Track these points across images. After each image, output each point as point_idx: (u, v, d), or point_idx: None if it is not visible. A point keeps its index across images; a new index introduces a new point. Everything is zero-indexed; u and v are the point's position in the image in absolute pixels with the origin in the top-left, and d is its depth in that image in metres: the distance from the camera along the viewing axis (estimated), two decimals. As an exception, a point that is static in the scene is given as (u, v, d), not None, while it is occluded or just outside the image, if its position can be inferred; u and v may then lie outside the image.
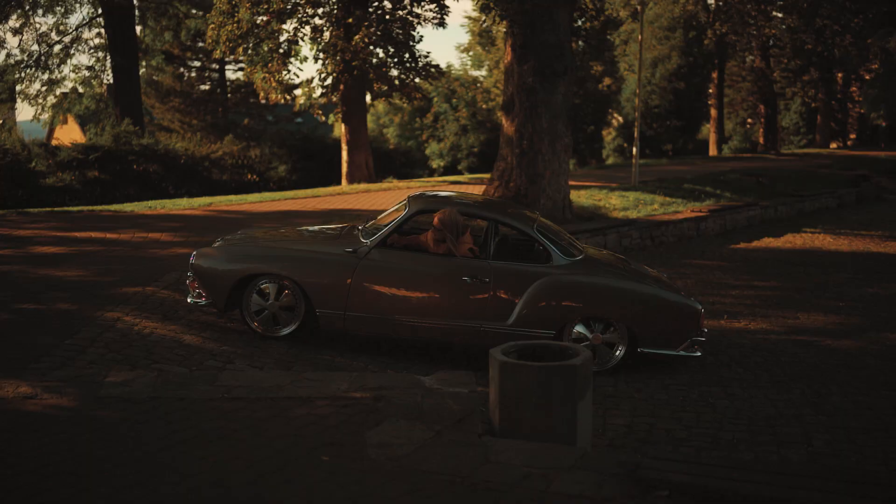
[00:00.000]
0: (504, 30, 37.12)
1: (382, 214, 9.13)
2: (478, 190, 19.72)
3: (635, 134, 22.68)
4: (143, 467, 5.04)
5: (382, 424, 5.72)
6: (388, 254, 8.37)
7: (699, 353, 8.64)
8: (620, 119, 44.38)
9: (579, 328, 8.35)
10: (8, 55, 33.70)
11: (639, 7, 23.88)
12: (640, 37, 23.27)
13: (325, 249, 8.49)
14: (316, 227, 9.72)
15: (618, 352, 8.45)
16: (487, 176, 24.57)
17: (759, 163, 31.41)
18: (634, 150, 22.23)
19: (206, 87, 49.10)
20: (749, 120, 50.95)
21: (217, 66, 48.77)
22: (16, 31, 33.08)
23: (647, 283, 8.72)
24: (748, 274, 14.15)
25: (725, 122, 46.11)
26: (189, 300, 8.70)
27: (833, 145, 46.71)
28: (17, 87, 34.26)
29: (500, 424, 5.84)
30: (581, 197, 18.39)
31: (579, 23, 26.10)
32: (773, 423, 7.39)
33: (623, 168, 28.62)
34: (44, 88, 34.26)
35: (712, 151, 41.13)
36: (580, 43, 20.28)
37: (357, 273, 8.23)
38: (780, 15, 33.59)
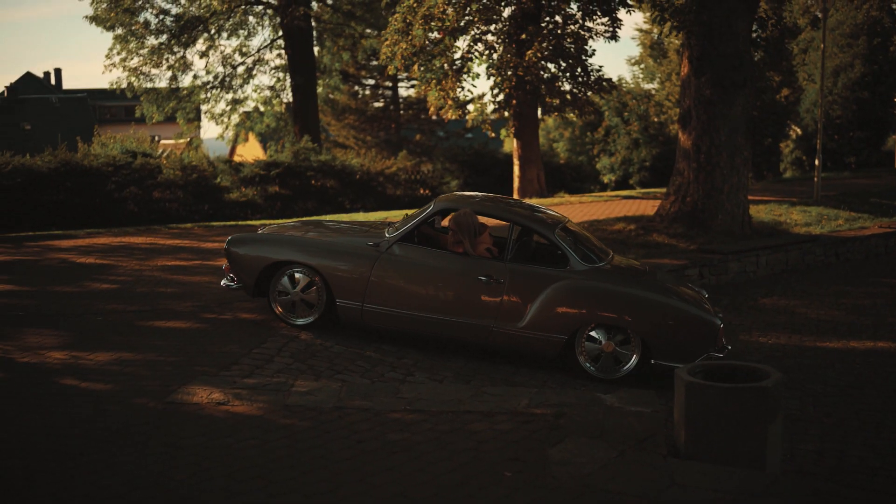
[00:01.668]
0: (678, 42, 36.37)
1: (412, 213, 9.18)
2: (652, 205, 19.36)
3: (817, 146, 21.74)
4: (331, 475, 5.16)
5: (565, 442, 5.65)
6: (409, 249, 8.47)
7: None
8: (799, 131, 42.71)
9: (593, 334, 8.19)
10: (195, 77, 35.43)
11: (819, 14, 22.92)
12: (821, 45, 22.35)
13: (349, 241, 8.71)
14: (355, 223, 9.90)
15: (629, 362, 8.19)
16: (660, 190, 24.12)
17: (954, 175, 29.56)
18: (817, 162, 21.29)
19: (380, 105, 50.37)
20: (940, 130, 48.03)
21: (390, 84, 49.96)
22: (202, 54, 34.87)
23: (665, 294, 8.44)
24: (945, 294, 13.31)
25: (914, 133, 43.63)
26: (223, 283, 9.11)
27: None
28: (203, 107, 36.07)
29: (686, 446, 5.69)
30: (760, 212, 17.78)
31: (755, 33, 25.27)
32: (980, 454, 6.90)
33: (803, 182, 27.51)
34: (228, 108, 35.94)
35: (899, 164, 38.97)
36: (759, 53, 19.59)
37: (376, 266, 8.36)
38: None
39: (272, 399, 6.53)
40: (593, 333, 8.19)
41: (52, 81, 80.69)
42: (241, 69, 35.45)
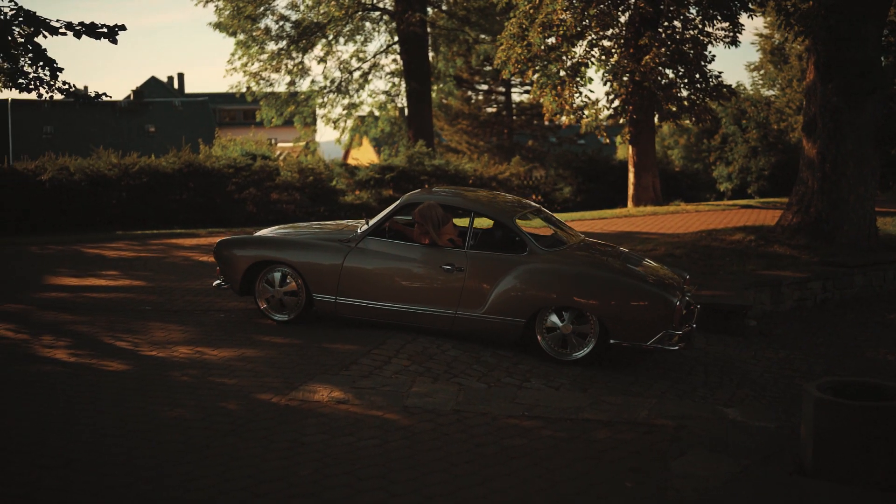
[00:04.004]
0: (801, 47, 35.34)
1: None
2: (772, 216, 18.86)
3: (949, 157, 20.83)
4: (450, 478, 5.17)
5: (686, 455, 5.54)
6: (377, 243, 8.81)
7: (677, 348, 8.14)
8: (928, 141, 40.96)
9: (552, 317, 8.24)
10: (313, 82, 36.14)
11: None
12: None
13: (323, 238, 9.11)
14: (333, 223, 10.25)
15: (588, 343, 8.18)
16: (780, 200, 23.49)
17: None
18: (948, 174, 20.43)
19: (493, 110, 50.48)
20: None
21: (503, 90, 50.03)
22: (320, 59, 35.55)
23: (617, 273, 8.41)
24: None
25: None
26: (214, 284, 9.61)
27: None
28: (320, 112, 36.75)
29: (813, 464, 5.50)
30: (887, 224, 17.13)
31: (885, 38, 24.38)
32: None
33: (932, 194, 26.45)
34: (344, 112, 36.54)
35: None
36: (889, 59, 18.88)
37: (347, 260, 8.73)
38: None
39: (391, 400, 6.59)
40: (552, 316, 8.25)
41: (176, 85, 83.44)
42: (356, 74, 36.01)
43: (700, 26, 21.62)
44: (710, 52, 21.50)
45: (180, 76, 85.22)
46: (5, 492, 5.00)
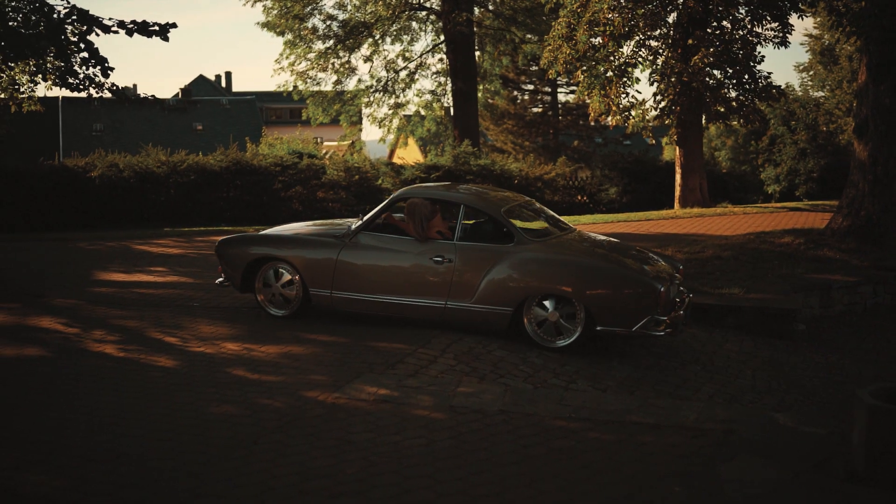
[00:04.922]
0: (851, 48, 34.79)
1: None
2: (821, 218, 18.60)
3: None
4: (497, 479, 5.16)
5: (736, 459, 5.48)
6: (369, 237, 8.98)
7: (663, 334, 8.08)
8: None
9: (539, 306, 8.34)
10: (359, 81, 36.27)
11: None
12: None
13: (320, 234, 9.34)
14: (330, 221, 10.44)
15: (575, 330, 8.24)
16: (829, 203, 23.17)
17: None
18: None
19: (539, 110, 50.31)
20: None
21: (549, 89, 49.87)
22: (367, 59, 35.65)
23: (604, 261, 8.58)
24: None
25: None
26: (217, 282, 9.79)
27: None
28: (366, 111, 36.87)
29: (866, 472, 5.40)
30: (940, 228, 16.79)
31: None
32: None
33: None
34: (390, 112, 36.62)
35: None
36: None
37: (340, 254, 8.93)
38: None
39: (437, 399, 6.59)
40: (539, 305, 8.34)
41: (223, 84, 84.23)
42: (403, 74, 36.06)
43: (749, 27, 21.41)
44: (759, 52, 21.25)
45: (228, 75, 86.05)
46: (56, 485, 5.07)
